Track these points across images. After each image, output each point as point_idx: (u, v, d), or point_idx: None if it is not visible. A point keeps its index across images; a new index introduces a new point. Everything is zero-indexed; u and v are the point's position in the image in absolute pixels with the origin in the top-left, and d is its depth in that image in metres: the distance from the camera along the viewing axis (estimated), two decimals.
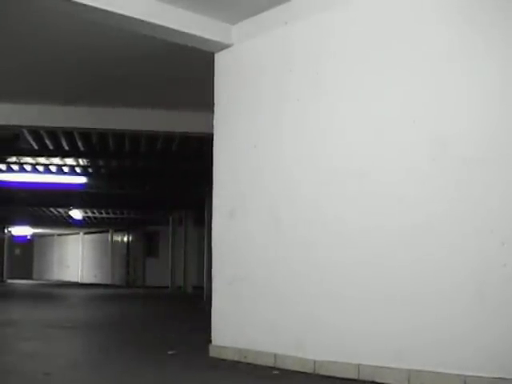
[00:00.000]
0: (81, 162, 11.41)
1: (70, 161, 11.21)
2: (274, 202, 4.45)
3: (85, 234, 27.21)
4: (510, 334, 3.27)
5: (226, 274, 4.73)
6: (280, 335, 4.27)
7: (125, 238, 24.18)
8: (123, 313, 10.09)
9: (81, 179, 12.46)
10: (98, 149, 10.20)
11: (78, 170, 12.10)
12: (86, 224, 22.94)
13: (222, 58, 4.93)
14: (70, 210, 18.45)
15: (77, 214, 19.35)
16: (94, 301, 13.86)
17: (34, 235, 28.95)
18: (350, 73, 4.09)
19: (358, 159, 3.98)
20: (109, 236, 25.39)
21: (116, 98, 7.51)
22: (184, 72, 6.25)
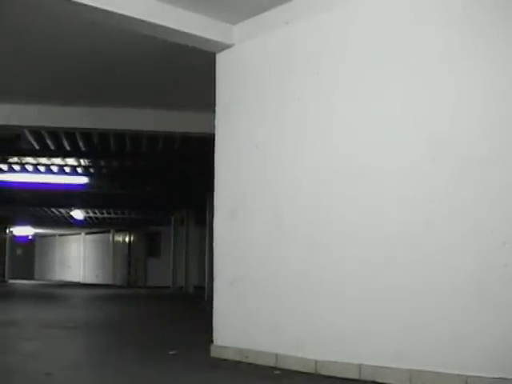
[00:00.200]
0: (82, 162, 11.43)
1: (72, 161, 11.22)
2: (276, 202, 4.45)
3: (86, 234, 27.20)
4: (511, 334, 3.27)
5: (227, 273, 4.73)
6: (281, 335, 4.27)
7: (126, 239, 24.19)
8: (124, 313, 10.10)
9: (82, 179, 12.47)
10: (100, 149, 10.21)
11: (80, 170, 12.12)
12: (87, 224, 22.95)
13: (223, 58, 4.94)
14: (71, 210, 18.47)
15: (78, 214, 19.36)
16: (96, 301, 13.87)
17: (35, 235, 28.95)
18: (351, 73, 4.09)
19: (358, 159, 3.98)
20: (110, 236, 25.39)
21: (117, 98, 7.52)
22: (185, 72, 6.25)
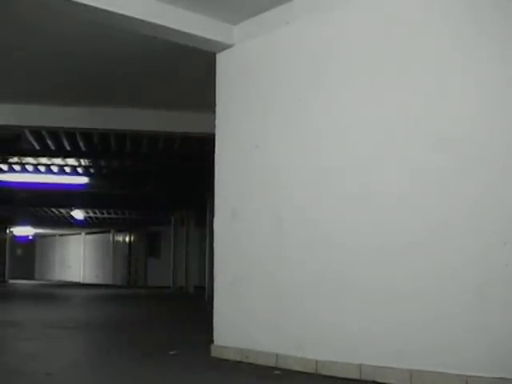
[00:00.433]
0: (82, 162, 11.43)
1: (72, 161, 11.23)
2: (276, 202, 4.45)
3: (86, 234, 27.21)
4: (511, 335, 3.28)
5: (227, 274, 4.73)
6: (281, 335, 4.27)
7: (126, 239, 24.19)
8: (124, 313, 10.09)
9: (82, 179, 12.47)
10: (100, 149, 10.21)
11: (80, 170, 12.12)
12: (87, 224, 22.95)
13: (224, 58, 4.94)
14: (71, 210, 18.47)
15: (78, 214, 19.36)
16: (96, 301, 13.87)
17: (35, 235, 28.97)
18: (351, 73, 4.09)
19: (358, 159, 3.98)
20: (110, 236, 25.39)
21: (117, 99, 7.52)
22: (185, 72, 6.25)
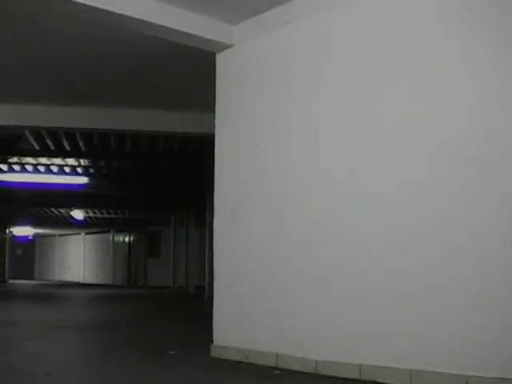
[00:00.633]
0: (82, 162, 11.42)
1: (72, 161, 11.21)
2: (276, 202, 4.45)
3: (86, 234, 27.20)
4: (511, 334, 3.28)
5: (227, 274, 4.73)
6: (281, 335, 4.27)
7: (126, 239, 24.19)
8: (124, 313, 10.09)
9: (82, 179, 12.47)
10: (100, 149, 10.21)
11: (80, 170, 12.11)
12: (87, 224, 22.94)
13: (223, 59, 4.94)
14: (71, 210, 18.46)
15: (78, 214, 19.35)
16: (96, 301, 13.87)
17: (35, 235, 28.96)
18: (351, 73, 4.09)
19: (358, 159, 3.97)
20: (110, 236, 25.39)
21: (117, 99, 7.51)
22: (185, 72, 6.25)
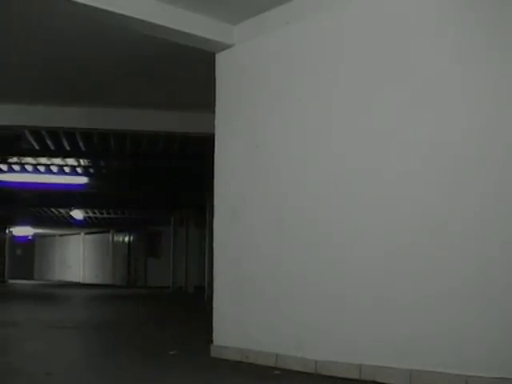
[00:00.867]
0: (82, 162, 11.42)
1: (72, 161, 11.23)
2: (276, 202, 4.45)
3: (86, 234, 27.18)
4: (511, 334, 3.28)
5: (227, 274, 4.73)
6: (281, 335, 4.27)
7: (126, 239, 24.17)
8: (124, 313, 10.09)
9: (82, 179, 12.47)
10: (100, 149, 10.21)
11: (79, 170, 12.11)
12: (87, 224, 22.93)
13: (223, 58, 4.93)
14: (71, 210, 18.45)
15: (78, 214, 19.34)
16: (95, 301, 13.86)
17: (35, 235, 28.94)
18: (351, 73, 4.09)
19: (358, 159, 3.97)
20: (110, 236, 25.38)
21: (117, 99, 7.51)
22: (185, 72, 6.25)
